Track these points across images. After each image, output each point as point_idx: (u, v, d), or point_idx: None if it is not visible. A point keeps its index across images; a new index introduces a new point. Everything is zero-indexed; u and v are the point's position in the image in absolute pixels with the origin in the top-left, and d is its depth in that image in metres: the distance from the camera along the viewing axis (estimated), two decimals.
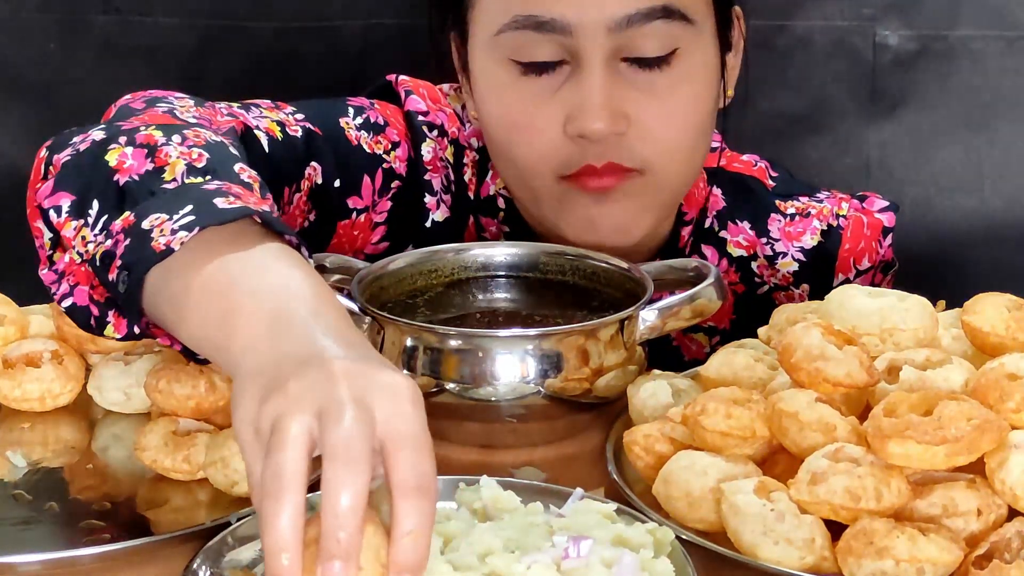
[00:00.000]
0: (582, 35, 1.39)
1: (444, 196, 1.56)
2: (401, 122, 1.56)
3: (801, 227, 1.62)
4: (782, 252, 1.61)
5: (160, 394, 1.25)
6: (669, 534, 1.07)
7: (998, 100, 1.95)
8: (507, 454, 1.29)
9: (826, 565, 1.07)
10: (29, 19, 2.04)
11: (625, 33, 1.39)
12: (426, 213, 1.56)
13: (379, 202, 1.53)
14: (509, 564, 1.00)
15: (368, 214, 1.53)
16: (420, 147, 1.54)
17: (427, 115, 1.56)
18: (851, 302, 1.25)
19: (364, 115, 1.53)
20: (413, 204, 1.55)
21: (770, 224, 1.62)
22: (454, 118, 1.59)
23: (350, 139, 1.50)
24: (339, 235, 1.52)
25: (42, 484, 1.23)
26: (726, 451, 1.15)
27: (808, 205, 1.63)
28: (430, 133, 1.55)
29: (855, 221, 1.62)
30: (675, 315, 1.31)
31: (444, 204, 1.56)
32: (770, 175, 1.66)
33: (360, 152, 1.51)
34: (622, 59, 1.41)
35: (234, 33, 2.04)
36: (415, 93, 1.57)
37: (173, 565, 1.09)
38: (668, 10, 1.39)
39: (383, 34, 2.03)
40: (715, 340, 1.62)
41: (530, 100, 1.43)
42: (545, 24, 1.39)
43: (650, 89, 1.42)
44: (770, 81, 1.99)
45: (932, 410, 1.08)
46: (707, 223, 1.61)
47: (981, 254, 1.98)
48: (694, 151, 1.48)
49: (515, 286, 1.43)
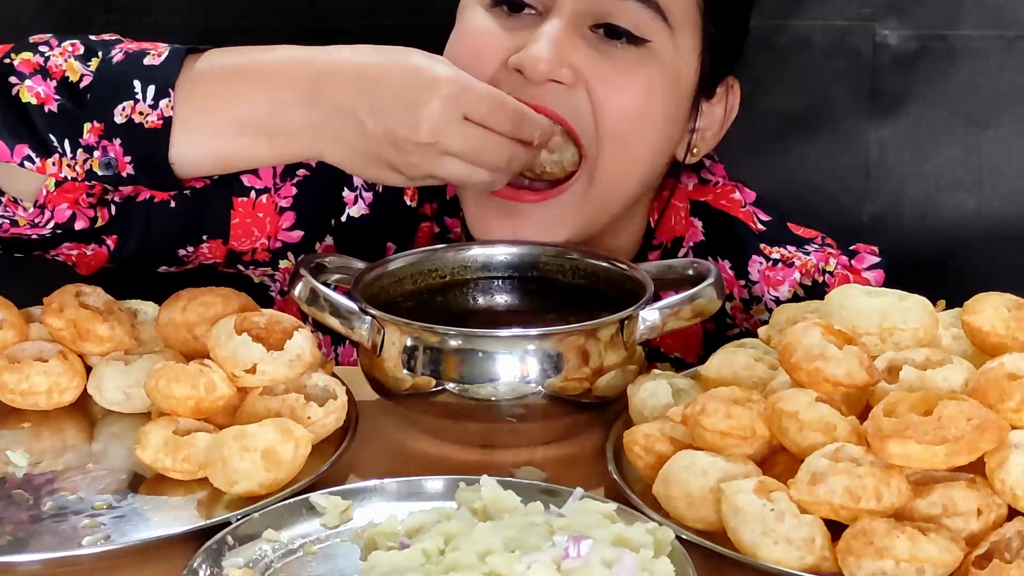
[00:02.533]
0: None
1: (365, 193, 1.59)
2: None
3: (781, 275, 1.58)
4: (758, 297, 1.59)
5: (160, 394, 1.25)
6: (669, 534, 1.07)
7: (998, 100, 1.95)
8: (507, 454, 1.29)
9: (826, 565, 1.07)
10: (29, 20, 2.04)
11: (598, 2, 1.40)
12: (343, 207, 1.59)
13: (281, 186, 1.57)
14: (509, 564, 1.00)
15: (270, 196, 1.56)
16: None
17: None
18: (851, 302, 1.25)
19: None
20: (329, 196, 1.58)
21: (751, 266, 1.59)
22: None
23: None
24: (239, 212, 1.55)
25: (42, 484, 1.23)
26: (726, 451, 1.15)
27: (793, 255, 1.60)
28: None
29: (840, 279, 1.58)
30: (675, 315, 1.31)
31: (363, 201, 1.58)
32: (759, 219, 1.62)
33: None
34: (591, 26, 1.42)
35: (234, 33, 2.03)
36: None
37: (173, 565, 1.09)
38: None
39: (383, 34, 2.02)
40: None
41: (490, 27, 1.44)
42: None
43: (608, 55, 1.42)
44: (770, 81, 1.99)
45: (932, 410, 1.08)
46: (680, 252, 1.59)
47: (981, 254, 1.98)
48: (634, 148, 1.45)
49: (515, 286, 1.43)
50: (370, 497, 1.18)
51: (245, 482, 1.16)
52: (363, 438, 1.29)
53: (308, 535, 1.15)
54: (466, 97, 1.30)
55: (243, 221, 1.56)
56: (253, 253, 1.58)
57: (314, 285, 1.30)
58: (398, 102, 1.30)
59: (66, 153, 1.34)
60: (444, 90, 1.29)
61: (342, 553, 1.13)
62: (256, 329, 1.29)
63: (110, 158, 1.34)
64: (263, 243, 1.58)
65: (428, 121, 1.29)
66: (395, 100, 1.30)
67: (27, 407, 1.34)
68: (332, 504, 1.16)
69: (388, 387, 1.30)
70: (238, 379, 1.27)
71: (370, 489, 1.18)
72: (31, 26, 2.04)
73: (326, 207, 1.58)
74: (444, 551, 1.05)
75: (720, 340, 1.44)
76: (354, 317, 1.29)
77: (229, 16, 2.03)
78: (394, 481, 1.19)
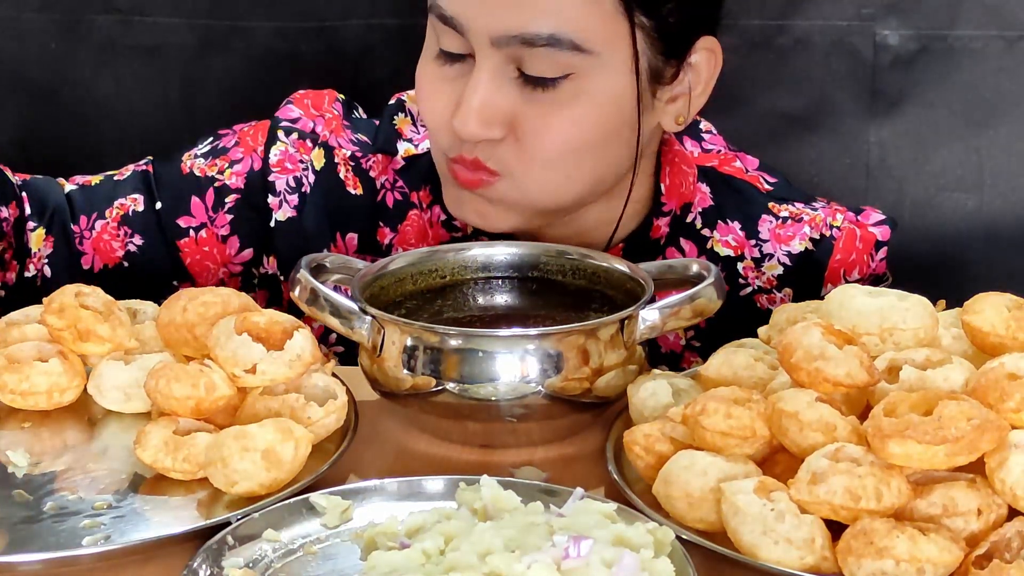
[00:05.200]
0: (472, 39, 1.42)
1: (289, 196, 1.63)
2: (260, 136, 1.65)
3: (792, 231, 1.62)
4: (769, 254, 1.62)
5: (160, 394, 1.25)
6: (669, 534, 1.07)
7: (998, 100, 1.95)
8: (507, 454, 1.29)
9: (826, 565, 1.07)
10: (30, 19, 2.04)
11: (515, 49, 1.41)
12: (269, 213, 1.63)
13: (215, 216, 1.64)
14: (509, 564, 1.00)
15: (208, 229, 1.64)
16: (269, 151, 1.63)
17: (295, 121, 1.65)
18: (851, 302, 1.25)
19: (215, 143, 1.67)
20: (258, 209, 1.64)
21: (760, 225, 1.62)
22: (330, 123, 1.65)
23: (182, 169, 1.65)
24: (186, 252, 1.64)
25: (42, 484, 1.23)
26: (726, 451, 1.15)
27: (802, 211, 1.63)
28: (287, 137, 1.64)
29: (848, 233, 1.61)
30: (675, 315, 1.31)
31: (288, 204, 1.63)
32: (766, 180, 1.66)
33: (190, 177, 1.65)
34: (518, 69, 1.43)
35: (234, 33, 2.04)
36: (294, 103, 1.67)
37: (173, 565, 1.09)
38: (556, 39, 1.40)
39: (383, 34, 2.03)
40: (689, 334, 1.63)
41: (436, 77, 1.48)
42: (448, 19, 1.43)
43: (535, 102, 1.43)
44: (770, 81, 1.99)
45: (932, 410, 1.08)
46: (690, 218, 1.61)
47: (981, 254, 1.98)
48: (568, 172, 1.47)
49: (515, 286, 1.43)
50: (370, 497, 1.18)
51: (245, 482, 1.16)
52: (363, 438, 1.29)
53: (308, 535, 1.15)
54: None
55: (194, 259, 1.64)
56: (223, 282, 1.65)
57: (314, 285, 1.30)
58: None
59: None
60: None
61: (342, 553, 1.13)
62: (256, 329, 1.29)
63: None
64: (224, 271, 1.65)
65: None
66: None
67: (27, 407, 1.33)
68: (332, 504, 1.16)
69: (388, 387, 1.31)
70: (238, 379, 1.27)
71: (370, 489, 1.18)
72: (31, 26, 2.05)
73: (260, 220, 1.64)
74: (444, 551, 1.05)
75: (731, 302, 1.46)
76: (354, 317, 1.29)
77: (229, 16, 2.03)
78: (394, 481, 1.19)
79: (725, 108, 1.58)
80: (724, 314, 1.36)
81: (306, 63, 2.03)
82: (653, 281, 1.34)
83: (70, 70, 2.05)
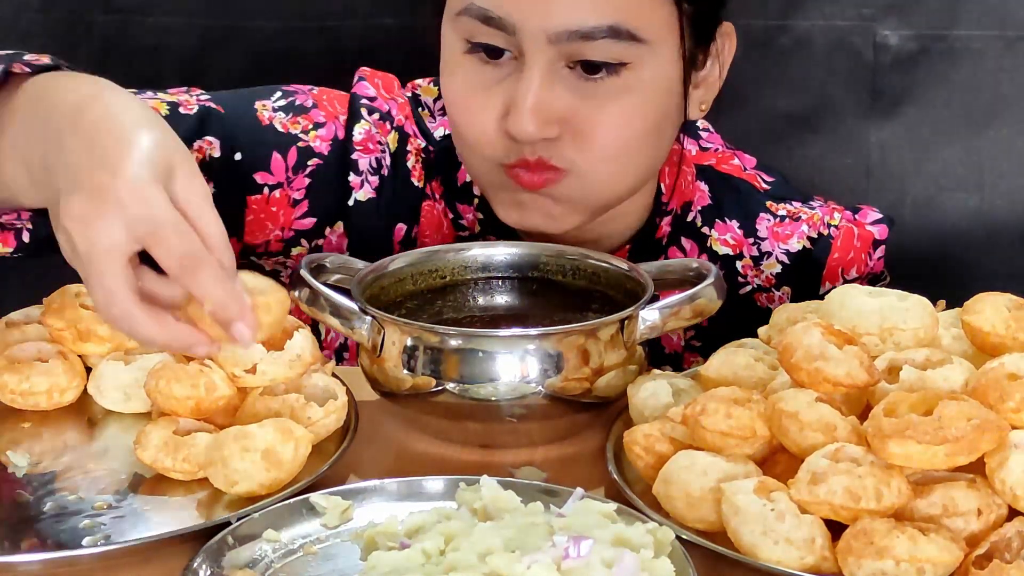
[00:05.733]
0: (525, 38, 1.40)
1: (371, 177, 1.59)
2: (338, 105, 1.61)
3: (789, 230, 1.62)
4: (768, 252, 1.62)
5: (160, 394, 1.25)
6: (669, 534, 1.07)
7: (998, 100, 1.95)
8: (507, 454, 1.29)
9: (826, 565, 1.07)
10: (30, 19, 2.04)
11: (571, 44, 1.40)
12: (349, 191, 1.59)
13: (294, 179, 1.57)
14: (509, 564, 1.00)
15: (283, 190, 1.57)
16: (353, 128, 1.59)
17: (373, 100, 1.61)
18: (851, 302, 1.25)
19: (290, 98, 1.59)
20: (336, 182, 1.59)
21: (759, 223, 1.63)
22: (404, 108, 1.62)
23: (260, 119, 1.56)
24: (253, 209, 1.56)
25: (42, 484, 1.23)
26: (726, 451, 1.15)
27: (800, 210, 1.64)
28: (369, 116, 1.59)
29: (846, 231, 1.62)
30: (675, 315, 1.31)
31: (369, 185, 1.59)
32: (764, 179, 1.66)
33: (271, 130, 1.56)
34: (567, 64, 1.41)
35: (234, 33, 2.04)
36: (368, 80, 1.62)
37: (173, 565, 1.09)
38: (615, 30, 1.39)
39: (383, 34, 2.03)
40: (690, 334, 1.63)
41: (476, 84, 1.45)
42: (493, 20, 1.41)
43: (590, 96, 1.42)
44: (770, 81, 1.99)
45: (932, 410, 1.08)
46: (690, 217, 1.61)
47: (981, 254, 1.98)
48: (629, 162, 1.47)
49: (515, 286, 1.43)
50: (370, 497, 1.18)
51: (245, 482, 1.16)
52: (363, 438, 1.29)
53: (308, 535, 1.15)
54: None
55: (257, 217, 1.57)
56: (267, 245, 1.60)
57: (314, 285, 1.30)
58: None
59: None
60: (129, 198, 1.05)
61: (342, 553, 1.13)
62: None
63: None
64: (276, 235, 1.59)
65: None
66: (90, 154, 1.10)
67: (27, 407, 1.34)
68: (332, 504, 1.16)
69: (388, 387, 1.31)
70: (238, 379, 1.27)
71: (370, 489, 1.18)
72: (31, 26, 2.05)
73: (335, 193, 1.59)
74: (444, 551, 1.05)
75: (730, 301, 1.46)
76: (354, 317, 1.29)
77: (229, 16, 2.03)
78: (394, 481, 1.19)
79: (725, 108, 1.57)
80: (724, 313, 1.36)
81: (306, 63, 2.03)
82: (653, 281, 1.34)
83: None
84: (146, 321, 1.05)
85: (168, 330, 1.06)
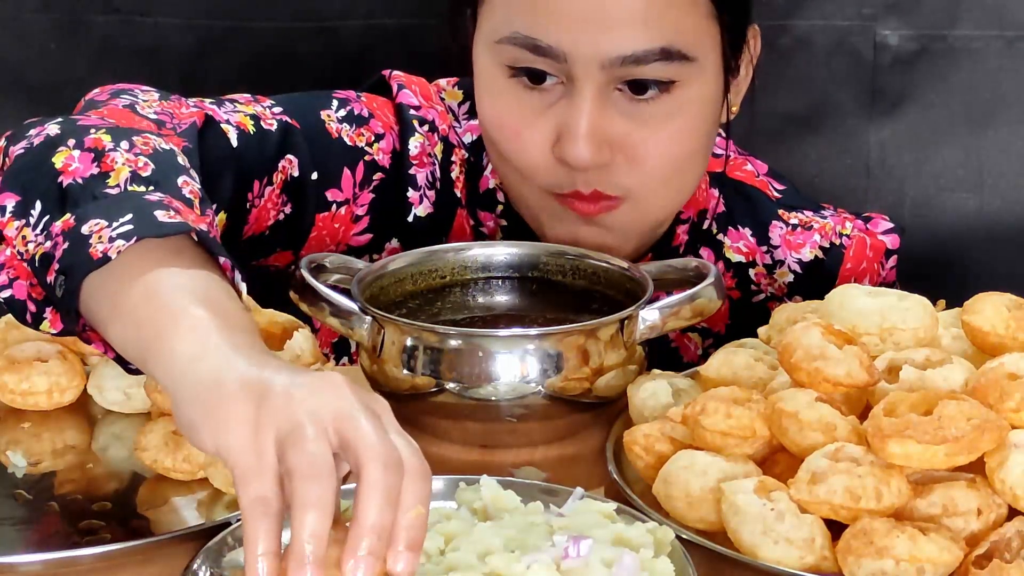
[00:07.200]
0: (576, 65, 1.38)
1: (428, 192, 1.56)
2: (388, 115, 1.56)
3: (802, 239, 1.62)
4: (780, 260, 1.61)
5: (160, 394, 1.25)
6: (669, 534, 1.07)
7: (998, 100, 1.95)
8: (507, 454, 1.29)
9: (826, 565, 1.07)
10: (29, 19, 2.04)
11: (624, 68, 1.38)
12: (409, 207, 1.55)
13: (360, 194, 1.52)
14: (509, 564, 1.00)
15: (349, 206, 1.52)
16: (408, 141, 1.54)
17: (419, 109, 1.56)
18: (851, 302, 1.25)
19: (348, 107, 1.53)
20: (396, 197, 1.55)
21: (771, 231, 1.62)
22: (445, 115, 1.58)
23: (330, 132, 1.50)
24: (319, 227, 1.50)
25: (42, 484, 1.23)
26: (726, 451, 1.15)
27: (811, 219, 1.63)
28: (420, 128, 1.55)
29: (858, 241, 1.62)
30: (675, 315, 1.31)
31: (427, 199, 1.55)
32: (775, 187, 1.66)
33: (340, 144, 1.50)
34: (617, 87, 1.40)
35: (234, 33, 2.04)
36: (408, 88, 1.57)
37: (173, 565, 1.09)
38: (667, 52, 1.38)
39: (383, 34, 2.02)
40: (708, 343, 1.63)
41: (523, 111, 1.43)
42: (542, 48, 1.39)
43: (641, 119, 1.41)
44: (770, 81, 1.99)
45: (932, 410, 1.08)
46: (706, 224, 1.61)
47: (981, 254, 1.98)
48: (681, 181, 1.48)
49: (515, 286, 1.43)
50: None
51: None
52: None
53: None
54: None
55: (319, 235, 1.51)
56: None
57: (314, 285, 1.30)
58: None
59: (31, 225, 1.16)
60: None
61: None
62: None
63: (51, 255, 1.13)
64: (330, 249, 1.53)
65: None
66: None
67: (27, 407, 1.34)
68: None
69: (388, 387, 1.30)
70: None
71: None
72: (31, 26, 2.05)
73: (395, 209, 1.55)
74: (444, 551, 1.05)
75: (747, 308, 1.46)
76: (354, 317, 1.29)
77: (229, 16, 2.03)
78: None
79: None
80: (740, 321, 1.35)
81: (306, 63, 2.02)
82: (653, 281, 1.34)
83: (70, 70, 2.05)
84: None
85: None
